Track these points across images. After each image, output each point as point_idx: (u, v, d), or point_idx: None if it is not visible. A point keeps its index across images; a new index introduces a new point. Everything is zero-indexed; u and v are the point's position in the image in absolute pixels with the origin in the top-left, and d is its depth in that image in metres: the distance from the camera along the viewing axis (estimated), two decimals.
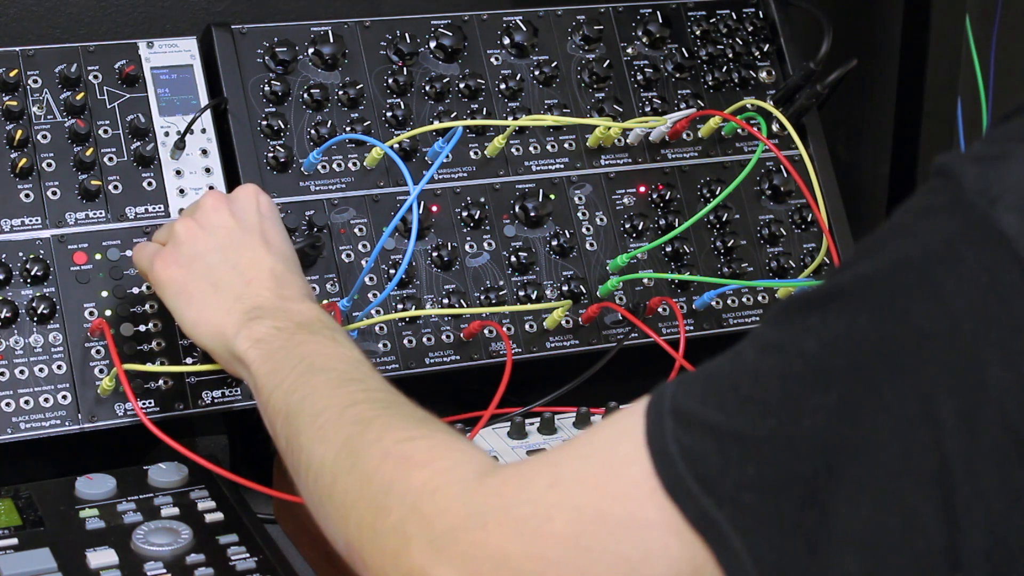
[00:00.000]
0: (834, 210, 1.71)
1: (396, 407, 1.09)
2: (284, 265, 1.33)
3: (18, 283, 1.44)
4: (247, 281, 1.30)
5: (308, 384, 1.14)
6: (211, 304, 1.29)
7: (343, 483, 1.02)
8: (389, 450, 1.00)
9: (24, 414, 1.40)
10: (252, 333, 1.24)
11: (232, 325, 1.26)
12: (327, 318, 1.26)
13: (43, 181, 1.47)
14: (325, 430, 1.07)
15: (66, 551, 1.26)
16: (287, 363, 1.18)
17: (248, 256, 1.32)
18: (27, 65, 1.50)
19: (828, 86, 1.68)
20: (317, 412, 1.10)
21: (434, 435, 1.02)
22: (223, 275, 1.30)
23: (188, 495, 1.35)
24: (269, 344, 1.22)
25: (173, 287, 1.32)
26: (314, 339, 1.21)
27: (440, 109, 1.61)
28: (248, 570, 1.25)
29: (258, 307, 1.26)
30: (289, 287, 1.30)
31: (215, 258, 1.32)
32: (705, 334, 1.63)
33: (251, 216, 1.36)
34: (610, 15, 1.71)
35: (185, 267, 1.32)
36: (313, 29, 1.60)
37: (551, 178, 1.63)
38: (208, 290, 1.30)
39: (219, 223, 1.34)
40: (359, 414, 1.07)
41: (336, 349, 1.19)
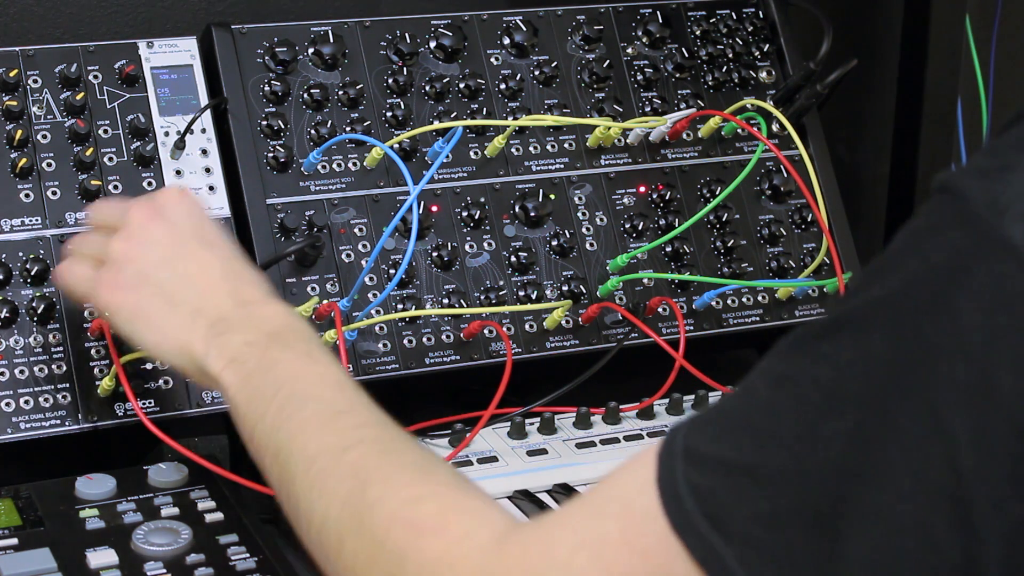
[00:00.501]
0: (834, 210, 1.71)
1: (394, 451, 1.03)
2: (234, 264, 1.26)
3: (18, 283, 1.44)
4: (201, 291, 1.23)
5: (293, 420, 1.08)
6: (171, 323, 1.23)
7: (351, 545, 0.98)
8: (396, 514, 0.96)
9: (24, 414, 1.40)
10: (223, 351, 1.18)
11: (199, 342, 1.20)
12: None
13: (43, 181, 1.47)
14: (322, 481, 1.02)
15: (66, 551, 1.26)
16: (266, 391, 1.12)
17: (195, 264, 1.25)
18: (27, 65, 1.50)
19: (828, 86, 1.68)
20: (310, 459, 1.04)
21: (442, 492, 0.97)
22: (176, 289, 1.24)
23: (188, 495, 1.35)
24: (243, 365, 1.16)
25: (125, 312, 1.26)
26: (289, 356, 1.15)
27: (440, 109, 1.61)
28: (248, 570, 1.25)
29: (222, 318, 1.20)
30: (246, 287, 1.24)
31: (163, 273, 1.25)
32: (705, 334, 1.63)
33: (184, 221, 1.29)
34: (610, 15, 1.71)
35: (133, 289, 1.26)
36: (313, 29, 1.60)
37: (551, 178, 1.63)
38: (164, 308, 1.24)
39: (156, 236, 1.27)
40: (356, 463, 1.02)
41: (314, 368, 1.14)
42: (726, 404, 0.87)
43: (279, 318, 1.20)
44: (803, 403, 0.82)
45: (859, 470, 0.81)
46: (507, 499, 1.41)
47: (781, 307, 1.67)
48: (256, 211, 1.52)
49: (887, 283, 0.83)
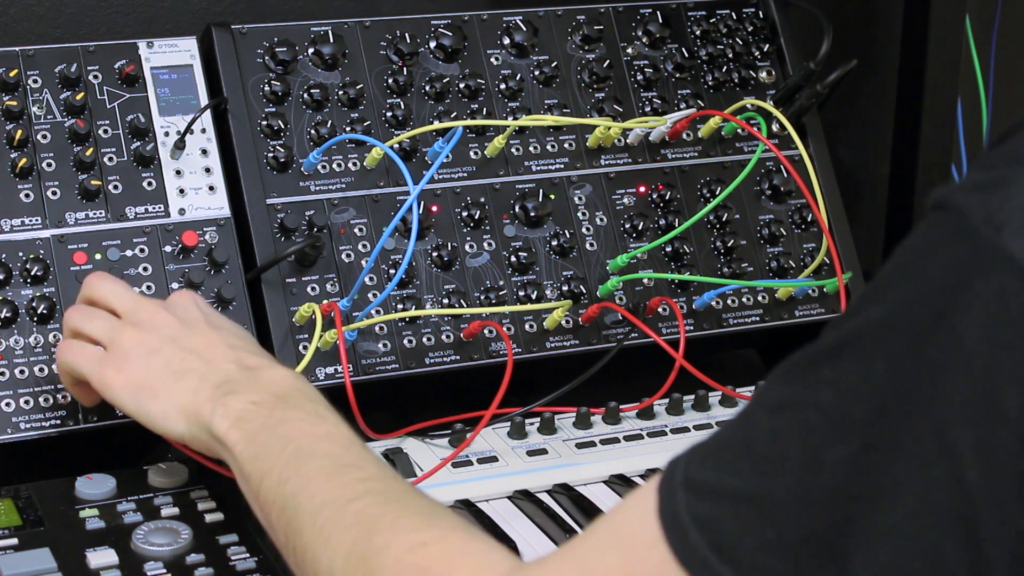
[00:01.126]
0: (834, 210, 1.71)
1: (399, 500, 1.04)
2: (239, 341, 1.27)
3: (18, 283, 1.44)
4: (207, 360, 1.24)
5: (301, 473, 1.09)
6: (177, 391, 1.22)
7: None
8: (402, 559, 0.96)
9: (24, 414, 1.40)
10: (229, 411, 1.17)
11: (205, 403, 1.19)
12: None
13: (43, 181, 1.47)
14: (328, 531, 1.02)
15: (66, 551, 1.26)
16: (273, 446, 1.12)
17: (201, 340, 1.26)
18: (27, 65, 1.50)
19: (828, 86, 1.68)
20: (316, 509, 1.05)
21: (446, 537, 0.98)
22: (182, 362, 1.24)
23: (188, 495, 1.35)
24: (250, 423, 1.16)
25: (131, 388, 1.25)
26: (296, 415, 1.15)
27: (440, 109, 1.61)
28: (248, 570, 1.25)
29: (228, 380, 1.20)
30: (251, 357, 1.24)
31: (171, 349, 1.25)
32: (705, 334, 1.63)
33: (192, 312, 1.30)
34: (610, 15, 1.71)
35: (140, 366, 1.25)
36: (313, 29, 1.60)
37: (551, 178, 1.63)
38: (171, 380, 1.23)
39: (163, 322, 1.28)
40: (362, 512, 1.02)
41: (322, 427, 1.14)
42: (725, 433, 0.86)
43: (285, 381, 1.20)
44: (806, 429, 0.82)
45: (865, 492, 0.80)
46: (507, 499, 1.41)
47: (781, 307, 1.67)
48: (256, 211, 1.52)
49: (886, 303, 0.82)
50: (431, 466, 1.41)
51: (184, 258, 1.49)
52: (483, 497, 1.39)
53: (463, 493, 1.40)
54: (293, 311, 1.50)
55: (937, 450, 0.79)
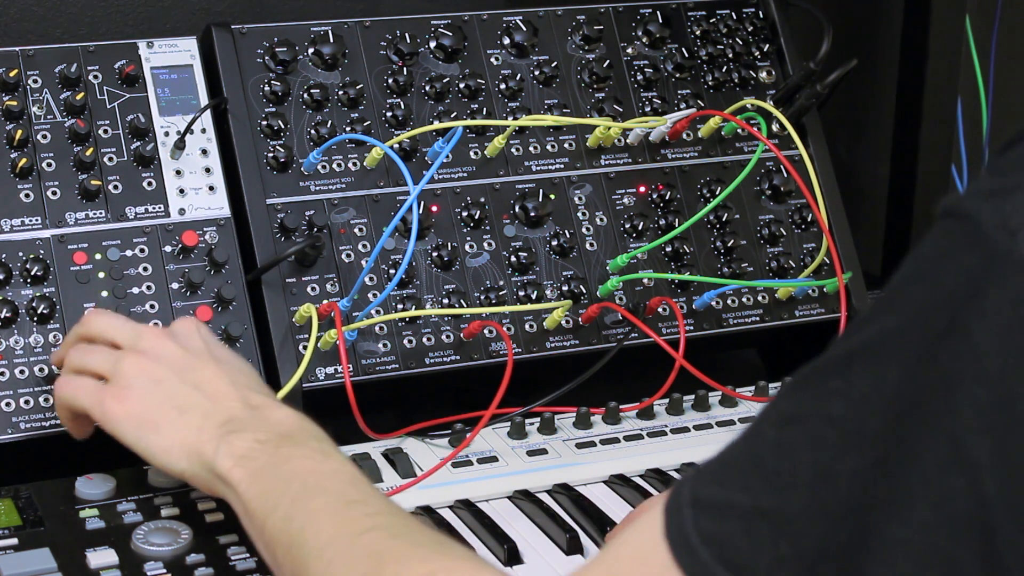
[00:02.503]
0: (834, 210, 1.71)
1: (407, 534, 1.04)
2: (243, 377, 1.26)
3: (18, 283, 1.44)
4: (211, 397, 1.22)
5: (306, 510, 1.08)
6: (180, 427, 1.20)
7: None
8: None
9: (24, 414, 1.40)
10: (233, 449, 1.16)
11: (209, 442, 1.18)
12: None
13: (43, 181, 1.47)
14: (336, 566, 1.02)
15: (66, 551, 1.26)
16: (278, 484, 1.12)
17: (205, 375, 1.24)
18: (27, 65, 1.50)
19: (828, 86, 1.68)
20: (324, 545, 1.04)
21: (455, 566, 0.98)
22: (185, 397, 1.22)
23: (188, 495, 1.35)
24: (254, 461, 1.14)
25: (132, 420, 1.23)
26: (301, 452, 1.14)
27: (440, 109, 1.61)
28: (248, 570, 1.25)
29: (232, 419, 1.19)
30: (256, 395, 1.23)
31: (172, 383, 1.24)
32: (705, 334, 1.63)
33: (196, 342, 1.28)
34: (610, 15, 1.71)
35: (143, 399, 1.23)
36: (313, 29, 1.60)
37: (551, 178, 1.63)
38: (174, 414, 1.21)
39: (167, 352, 1.26)
40: (371, 546, 1.02)
41: (327, 464, 1.13)
42: (730, 451, 0.85)
43: (290, 420, 1.19)
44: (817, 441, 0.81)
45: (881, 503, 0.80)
46: (507, 499, 1.41)
47: (781, 307, 1.67)
48: (256, 211, 1.52)
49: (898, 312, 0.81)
50: (431, 466, 1.41)
51: (184, 258, 1.49)
52: (483, 497, 1.40)
53: (463, 493, 1.40)
54: (293, 311, 1.50)
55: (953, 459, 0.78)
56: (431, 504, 1.38)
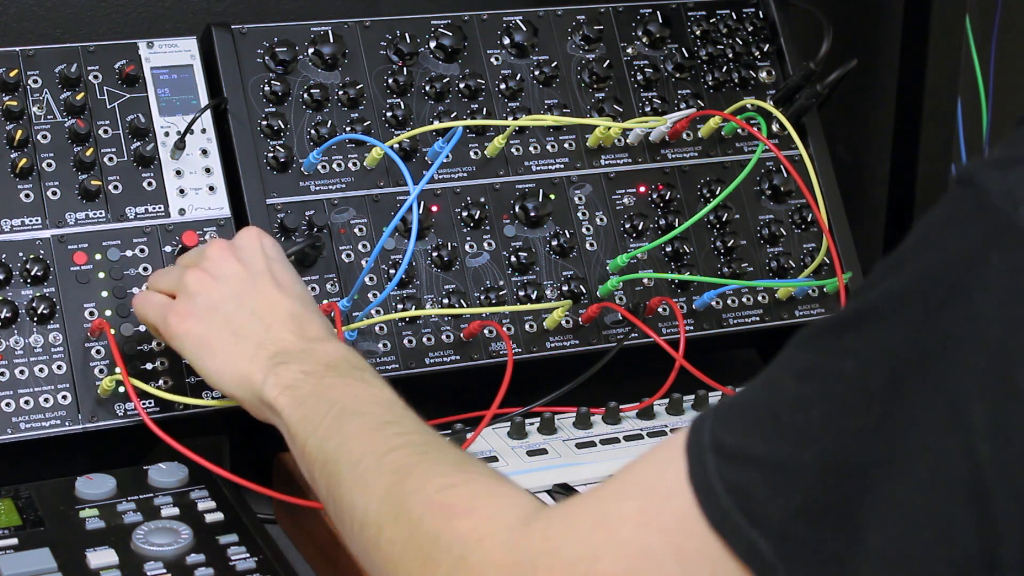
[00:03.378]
0: (834, 210, 1.71)
1: (434, 451, 1.08)
2: (301, 305, 1.31)
3: (18, 283, 1.44)
4: (267, 326, 1.28)
5: (343, 430, 1.13)
6: (234, 353, 1.27)
7: (389, 534, 1.02)
8: (432, 498, 1.01)
9: (24, 414, 1.40)
10: (280, 379, 1.22)
11: (259, 372, 1.24)
12: (354, 356, 1.25)
13: (43, 181, 1.47)
14: (365, 479, 1.07)
15: (66, 551, 1.26)
16: (319, 409, 1.17)
17: (264, 300, 1.30)
18: (27, 65, 1.50)
19: (828, 86, 1.68)
20: (355, 460, 1.09)
21: (475, 479, 1.02)
22: (242, 323, 1.29)
23: (188, 495, 1.35)
24: (299, 390, 1.21)
25: (192, 340, 1.31)
26: (343, 381, 1.20)
27: (440, 109, 1.61)
28: (248, 570, 1.25)
29: (283, 351, 1.25)
30: (310, 326, 1.29)
31: (231, 307, 1.30)
32: (705, 334, 1.63)
33: (258, 260, 1.34)
34: (610, 15, 1.71)
35: (202, 319, 1.30)
36: (313, 29, 1.60)
37: (551, 178, 1.63)
38: (229, 339, 1.28)
39: (229, 272, 1.32)
40: (398, 461, 1.07)
41: (366, 390, 1.19)
42: (752, 397, 0.88)
43: (337, 352, 1.25)
44: (830, 397, 0.83)
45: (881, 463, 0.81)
46: None
47: (781, 307, 1.67)
48: (256, 211, 1.52)
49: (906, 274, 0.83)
50: None
51: None
52: None
53: None
54: None
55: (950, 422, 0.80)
56: None
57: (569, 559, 0.89)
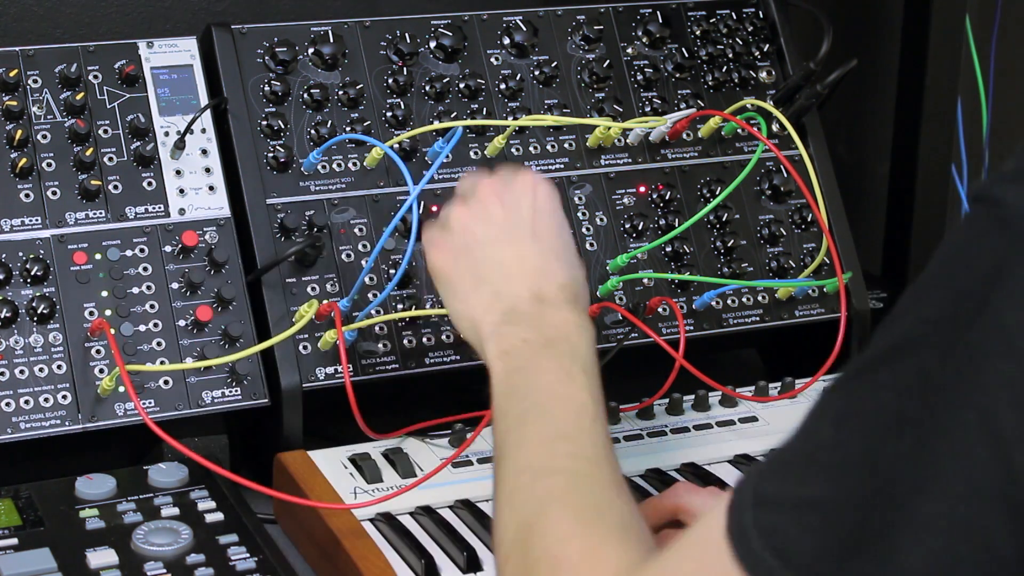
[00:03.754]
0: (834, 210, 1.71)
1: (585, 486, 1.09)
2: (550, 261, 1.31)
3: (18, 283, 1.44)
4: (508, 277, 1.29)
5: (523, 432, 1.16)
6: (472, 299, 1.30)
7: (512, 568, 1.06)
8: (549, 549, 1.03)
9: (24, 414, 1.40)
10: (502, 342, 1.24)
11: (488, 325, 1.27)
12: (577, 333, 1.24)
13: (43, 181, 1.47)
14: (514, 498, 1.10)
15: (66, 551, 1.26)
16: (519, 392, 1.20)
17: (513, 251, 1.31)
18: (27, 65, 1.50)
19: (828, 86, 1.68)
20: (519, 470, 1.12)
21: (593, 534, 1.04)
22: (487, 270, 1.31)
23: (188, 495, 1.35)
24: (513, 360, 1.23)
25: (442, 275, 1.34)
26: (552, 366, 1.21)
27: (440, 109, 1.61)
28: (248, 570, 1.25)
29: (513, 309, 1.27)
30: (551, 284, 1.28)
31: (482, 252, 1.32)
32: (705, 334, 1.63)
33: (525, 209, 1.34)
34: (610, 15, 1.71)
35: (454, 256, 1.33)
36: (313, 29, 1.60)
37: (551, 178, 1.63)
38: (471, 283, 1.31)
39: (491, 215, 1.33)
40: (548, 491, 1.08)
41: (566, 389, 1.19)
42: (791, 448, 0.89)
43: (564, 327, 1.25)
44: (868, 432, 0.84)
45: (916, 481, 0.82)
46: None
47: (781, 307, 1.67)
48: (256, 211, 1.52)
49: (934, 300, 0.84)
50: (431, 466, 1.41)
51: (184, 258, 1.49)
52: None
53: (463, 493, 1.40)
54: (293, 311, 1.50)
55: (982, 433, 0.81)
56: (431, 504, 1.38)
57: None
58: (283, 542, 1.40)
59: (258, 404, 1.47)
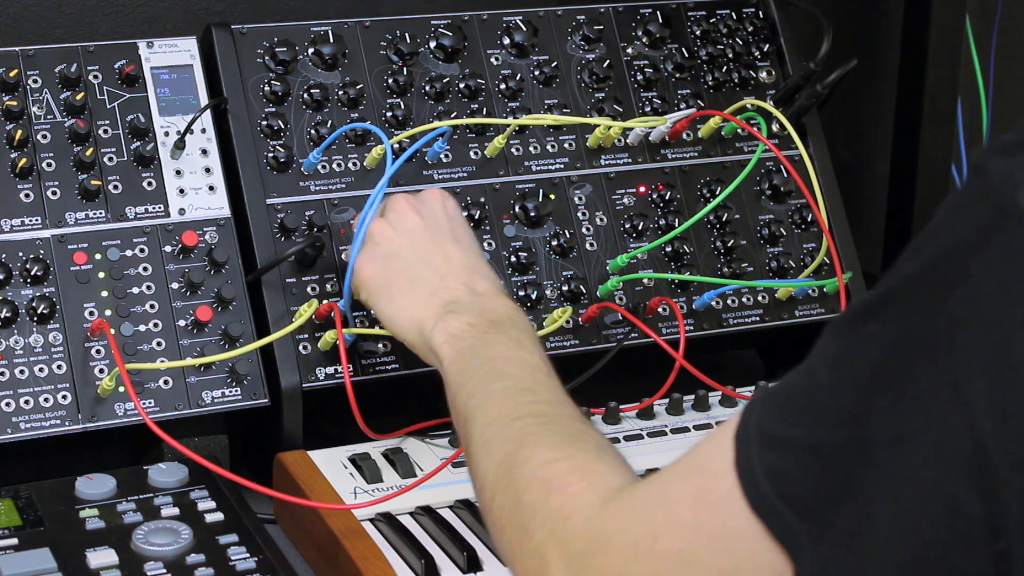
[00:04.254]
0: (834, 210, 1.71)
1: (554, 422, 1.14)
2: (475, 260, 1.40)
3: (18, 283, 1.44)
4: (441, 276, 1.37)
5: (486, 391, 1.21)
6: (408, 299, 1.37)
7: (499, 501, 1.09)
8: (535, 472, 1.07)
9: (24, 414, 1.40)
10: (447, 328, 1.31)
11: (430, 318, 1.33)
12: (517, 315, 1.32)
13: (43, 181, 1.47)
14: (490, 443, 1.14)
15: (66, 551, 1.26)
16: (473, 364, 1.25)
17: (440, 252, 1.39)
18: (27, 65, 1.50)
19: (828, 86, 1.68)
20: (488, 422, 1.17)
21: (576, 455, 1.07)
22: (418, 271, 1.38)
23: (188, 495, 1.35)
24: (461, 341, 1.29)
25: (372, 284, 1.41)
26: (501, 339, 1.27)
27: (440, 109, 1.61)
28: (248, 570, 1.25)
29: (454, 301, 1.34)
30: (482, 280, 1.37)
31: (409, 256, 1.40)
32: (705, 334, 1.63)
33: (439, 217, 1.43)
34: (610, 15, 1.71)
35: (382, 266, 1.41)
36: (313, 29, 1.60)
37: (551, 178, 1.63)
38: (405, 286, 1.38)
39: (409, 224, 1.42)
40: (521, 429, 1.13)
41: (517, 353, 1.25)
42: (792, 385, 0.91)
43: (503, 309, 1.33)
44: (857, 383, 0.87)
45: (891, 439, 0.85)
46: None
47: (781, 307, 1.67)
48: (256, 211, 1.52)
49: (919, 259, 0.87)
50: (431, 466, 1.41)
51: (184, 258, 1.49)
52: None
53: (463, 493, 1.40)
54: (293, 311, 1.50)
55: (952, 401, 0.83)
56: (431, 504, 1.38)
57: (634, 538, 0.96)
58: (283, 542, 1.40)
59: (258, 404, 1.47)
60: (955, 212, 0.86)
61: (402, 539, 1.32)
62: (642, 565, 0.95)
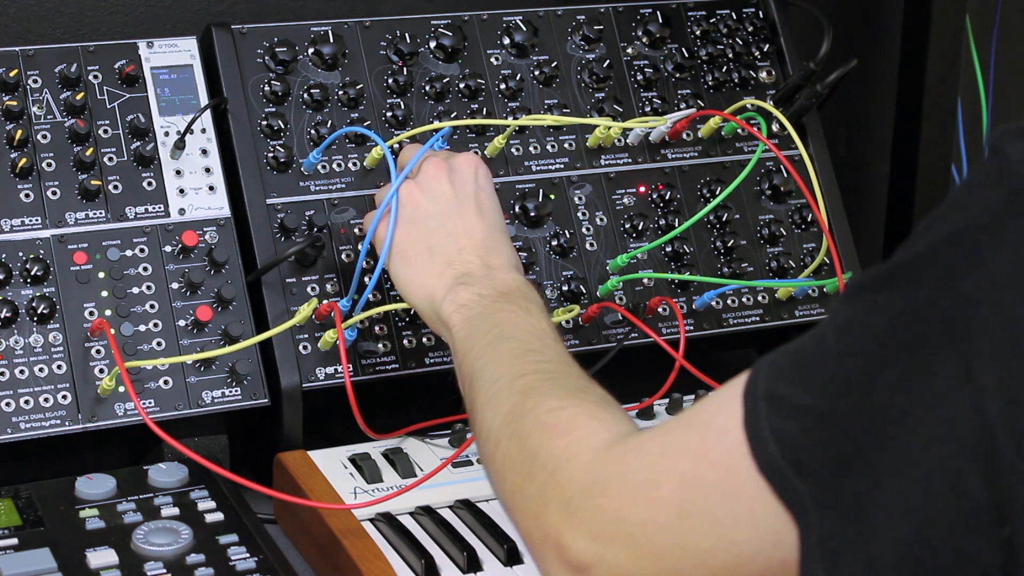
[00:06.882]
0: (834, 210, 1.71)
1: (560, 378, 1.17)
2: (495, 234, 1.40)
3: (18, 283, 1.44)
4: (460, 247, 1.38)
5: (493, 352, 1.23)
6: (425, 267, 1.38)
7: (503, 449, 1.10)
8: (540, 419, 1.08)
9: (24, 414, 1.40)
10: (457, 298, 1.32)
11: (442, 288, 1.35)
12: (528, 288, 1.33)
13: (43, 181, 1.47)
14: (496, 398, 1.16)
15: (66, 551, 1.26)
16: (481, 330, 1.27)
17: (462, 224, 1.39)
18: (27, 65, 1.50)
19: (828, 86, 1.68)
20: (493, 380, 1.18)
21: (581, 404, 1.09)
22: (438, 240, 1.38)
23: (188, 495, 1.35)
24: (471, 310, 1.30)
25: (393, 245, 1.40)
26: (509, 307, 1.29)
27: (440, 109, 1.61)
28: (248, 570, 1.25)
29: (467, 273, 1.35)
30: (498, 256, 1.38)
31: (432, 223, 1.40)
32: (705, 334, 1.63)
33: (468, 186, 1.42)
34: (610, 15, 1.71)
35: (405, 228, 1.40)
36: (313, 29, 1.60)
37: (551, 178, 1.63)
38: (423, 253, 1.38)
39: (438, 191, 1.41)
40: (527, 384, 1.15)
41: (525, 319, 1.27)
42: (803, 348, 0.93)
43: (515, 283, 1.34)
44: (864, 352, 0.87)
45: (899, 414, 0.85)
46: None
47: (781, 307, 1.67)
48: (256, 211, 1.52)
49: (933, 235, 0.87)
50: (431, 466, 1.41)
51: (184, 258, 1.49)
52: (483, 497, 1.40)
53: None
54: (293, 311, 1.50)
55: (962, 381, 0.83)
56: (431, 504, 1.38)
57: (635, 483, 0.97)
58: (283, 542, 1.40)
59: (258, 404, 1.47)
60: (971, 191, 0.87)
61: (402, 539, 1.32)
62: (640, 510, 0.95)
